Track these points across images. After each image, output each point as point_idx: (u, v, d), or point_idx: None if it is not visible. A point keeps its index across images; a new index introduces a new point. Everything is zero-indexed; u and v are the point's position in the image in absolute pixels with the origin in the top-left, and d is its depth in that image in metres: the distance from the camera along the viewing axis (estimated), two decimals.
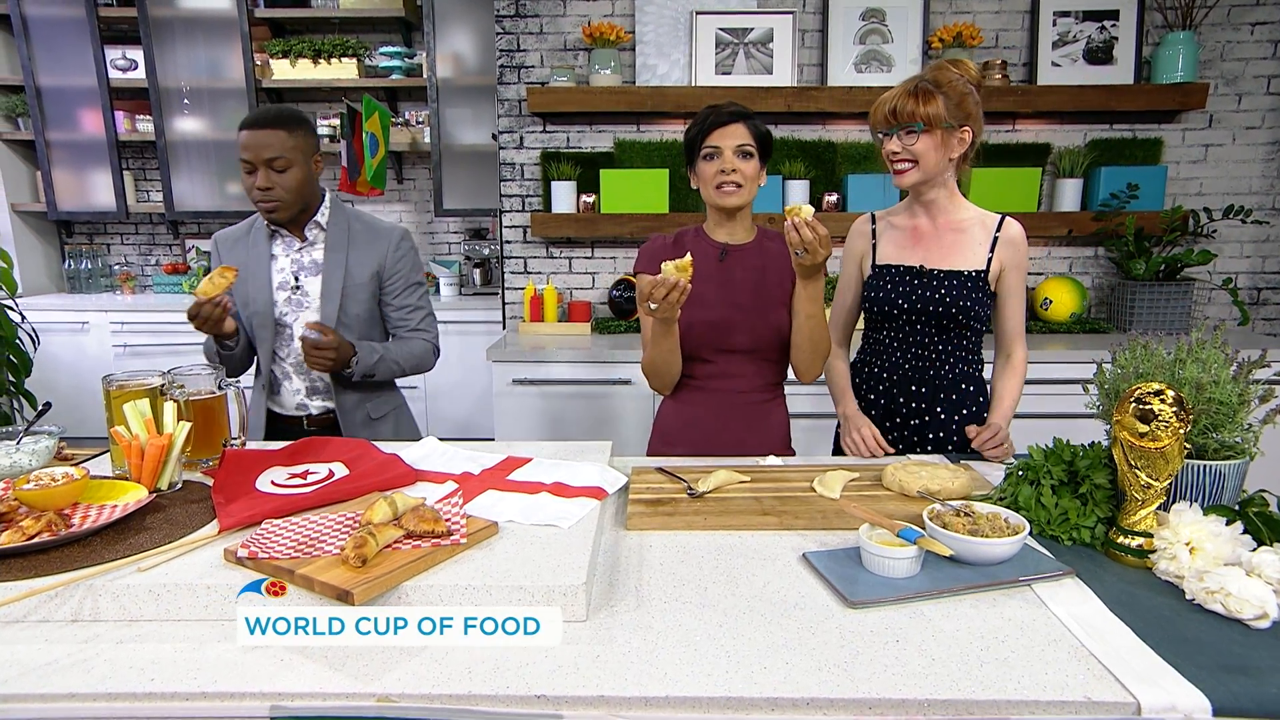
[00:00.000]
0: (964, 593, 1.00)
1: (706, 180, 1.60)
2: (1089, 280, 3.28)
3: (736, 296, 1.65)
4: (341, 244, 1.89)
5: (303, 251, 1.89)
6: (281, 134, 1.75)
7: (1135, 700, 0.78)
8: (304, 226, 1.88)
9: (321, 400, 1.93)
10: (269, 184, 1.75)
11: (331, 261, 1.88)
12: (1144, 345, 1.17)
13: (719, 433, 1.68)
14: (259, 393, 1.93)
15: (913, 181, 1.58)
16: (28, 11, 3.92)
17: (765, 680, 0.82)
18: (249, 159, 1.74)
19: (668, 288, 1.37)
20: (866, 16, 3.08)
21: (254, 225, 1.92)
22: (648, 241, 1.74)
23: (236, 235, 1.93)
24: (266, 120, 1.76)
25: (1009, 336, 1.66)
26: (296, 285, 1.88)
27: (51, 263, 4.43)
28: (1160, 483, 1.04)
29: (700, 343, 1.64)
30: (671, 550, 1.13)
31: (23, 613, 0.91)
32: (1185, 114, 3.13)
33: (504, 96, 3.20)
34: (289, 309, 1.88)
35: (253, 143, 1.74)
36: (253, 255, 1.88)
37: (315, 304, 1.88)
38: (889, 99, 1.56)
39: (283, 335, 1.89)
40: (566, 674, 0.83)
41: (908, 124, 1.53)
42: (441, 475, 1.31)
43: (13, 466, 1.28)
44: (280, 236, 1.90)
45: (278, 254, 1.90)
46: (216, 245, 1.94)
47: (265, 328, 1.87)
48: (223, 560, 0.99)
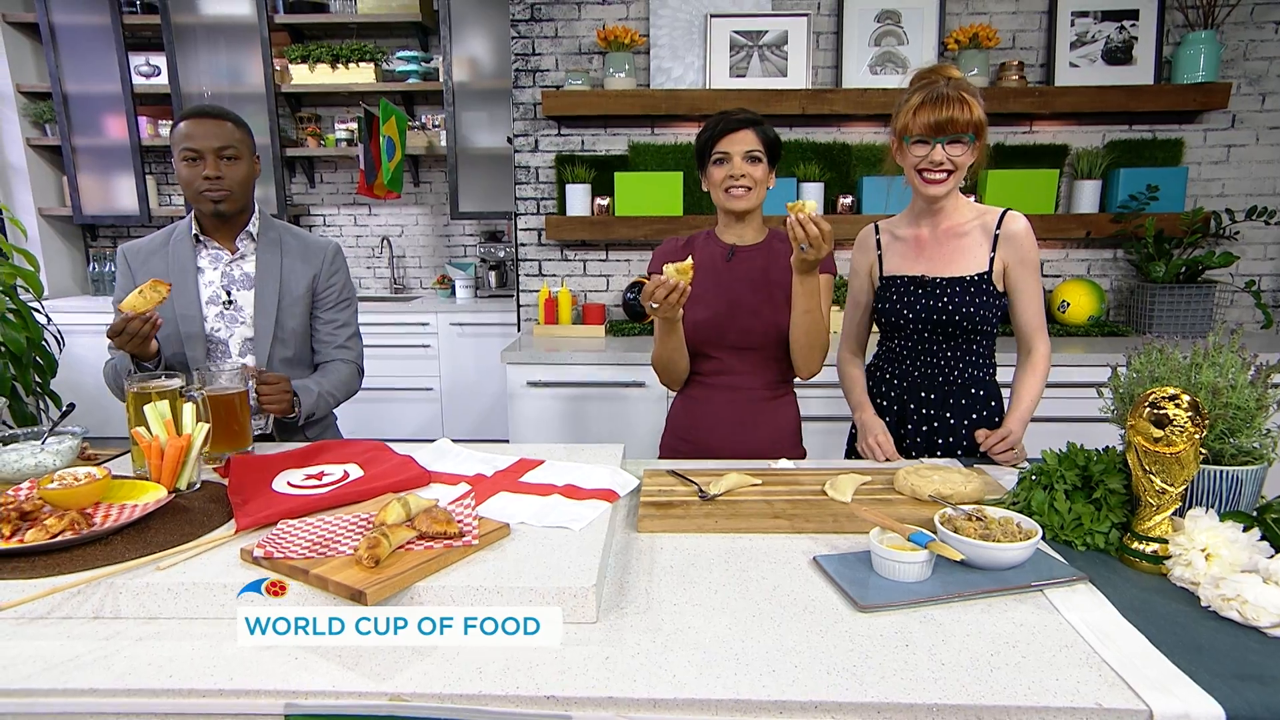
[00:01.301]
0: (975, 597, 0.99)
1: (716, 184, 1.67)
2: (1107, 283, 3.24)
3: (742, 295, 1.69)
4: (274, 256, 1.81)
5: (233, 265, 1.79)
6: (229, 125, 1.71)
7: (1148, 708, 0.77)
8: (235, 236, 1.79)
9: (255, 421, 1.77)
10: (219, 173, 1.68)
11: (265, 274, 1.79)
12: (1159, 349, 1.16)
13: (728, 429, 1.72)
14: None
15: (947, 190, 1.56)
16: (55, 20, 4.01)
17: (774, 683, 0.82)
18: (196, 148, 1.67)
19: (667, 289, 1.44)
20: (881, 18, 3.07)
21: (172, 237, 1.80)
22: (662, 243, 1.80)
23: (151, 248, 1.80)
24: (215, 111, 1.72)
25: (1027, 332, 1.64)
26: (229, 300, 1.77)
27: (76, 266, 4.52)
28: (1175, 488, 1.03)
29: (707, 340, 1.70)
30: (682, 553, 1.14)
31: (46, 609, 0.93)
32: (1207, 114, 3.08)
33: (519, 100, 3.23)
34: (220, 324, 1.77)
35: (201, 131, 1.68)
36: (175, 268, 1.75)
37: (249, 318, 1.78)
38: (934, 109, 1.50)
39: (215, 353, 1.78)
40: (576, 675, 0.84)
41: (959, 134, 1.50)
42: (455, 477, 1.33)
43: (37, 466, 1.31)
44: (205, 248, 1.79)
45: (204, 266, 1.79)
46: (126, 258, 1.79)
47: (196, 346, 1.75)
48: (239, 560, 1.01)
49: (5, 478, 1.30)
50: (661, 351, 1.68)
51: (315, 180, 4.50)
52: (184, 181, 1.71)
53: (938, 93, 1.51)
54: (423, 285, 4.55)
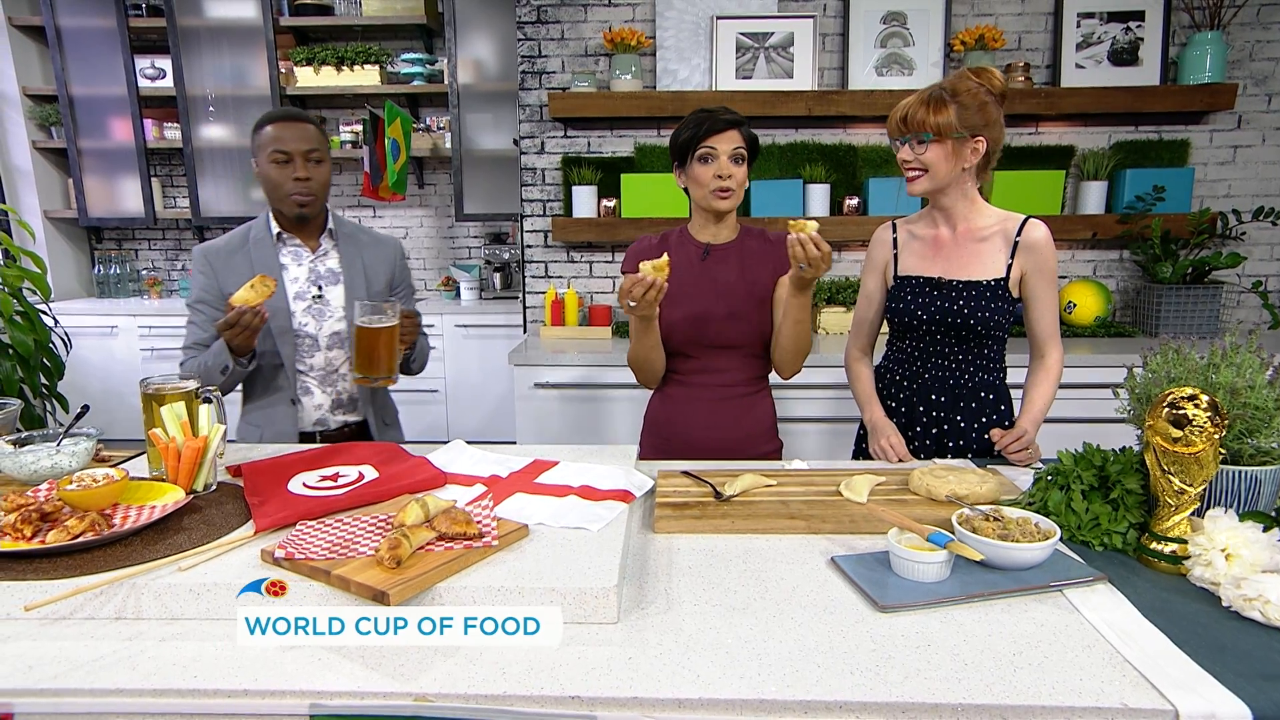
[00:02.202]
0: (994, 598, 0.99)
1: (703, 183, 1.64)
2: (1114, 284, 3.24)
3: (719, 294, 1.70)
4: (355, 251, 1.88)
5: (317, 260, 1.86)
6: (314, 129, 1.78)
7: (1173, 708, 0.77)
8: (315, 234, 1.86)
9: (344, 414, 1.90)
10: (308, 175, 1.74)
11: (351, 269, 1.86)
12: (1175, 349, 1.16)
13: (707, 426, 1.73)
14: (286, 407, 1.85)
15: (923, 190, 1.59)
16: (61, 23, 4.02)
17: (798, 683, 0.82)
18: (286, 150, 1.72)
19: (645, 286, 1.43)
20: (887, 20, 3.07)
21: (249, 237, 1.84)
22: (635, 242, 1.81)
23: (231, 248, 1.83)
24: (300, 115, 1.78)
25: (1041, 339, 1.65)
26: (319, 294, 1.84)
27: (82, 268, 4.53)
28: (1194, 488, 1.03)
29: (684, 339, 1.71)
30: (699, 553, 1.14)
31: (69, 610, 0.94)
32: (1213, 115, 3.09)
33: (525, 102, 3.23)
34: (309, 319, 1.83)
35: (290, 135, 1.73)
36: (259, 266, 1.78)
37: (338, 313, 1.85)
38: (903, 107, 1.56)
39: (302, 347, 1.84)
40: (600, 675, 0.84)
41: (918, 133, 1.53)
42: (470, 478, 1.33)
43: (54, 468, 1.31)
44: (285, 245, 1.85)
45: (287, 263, 1.84)
46: (207, 259, 1.81)
47: (287, 341, 1.81)
48: (259, 560, 1.01)
49: (22, 479, 1.30)
50: (638, 350, 1.68)
51: None
52: (271, 183, 1.76)
53: (925, 94, 1.55)
54: (427, 287, 4.56)
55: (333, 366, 1.87)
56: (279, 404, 1.85)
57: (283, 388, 1.85)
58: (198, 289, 1.82)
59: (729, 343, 1.71)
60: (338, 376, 1.88)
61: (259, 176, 1.79)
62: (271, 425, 1.85)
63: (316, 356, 1.85)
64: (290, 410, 1.85)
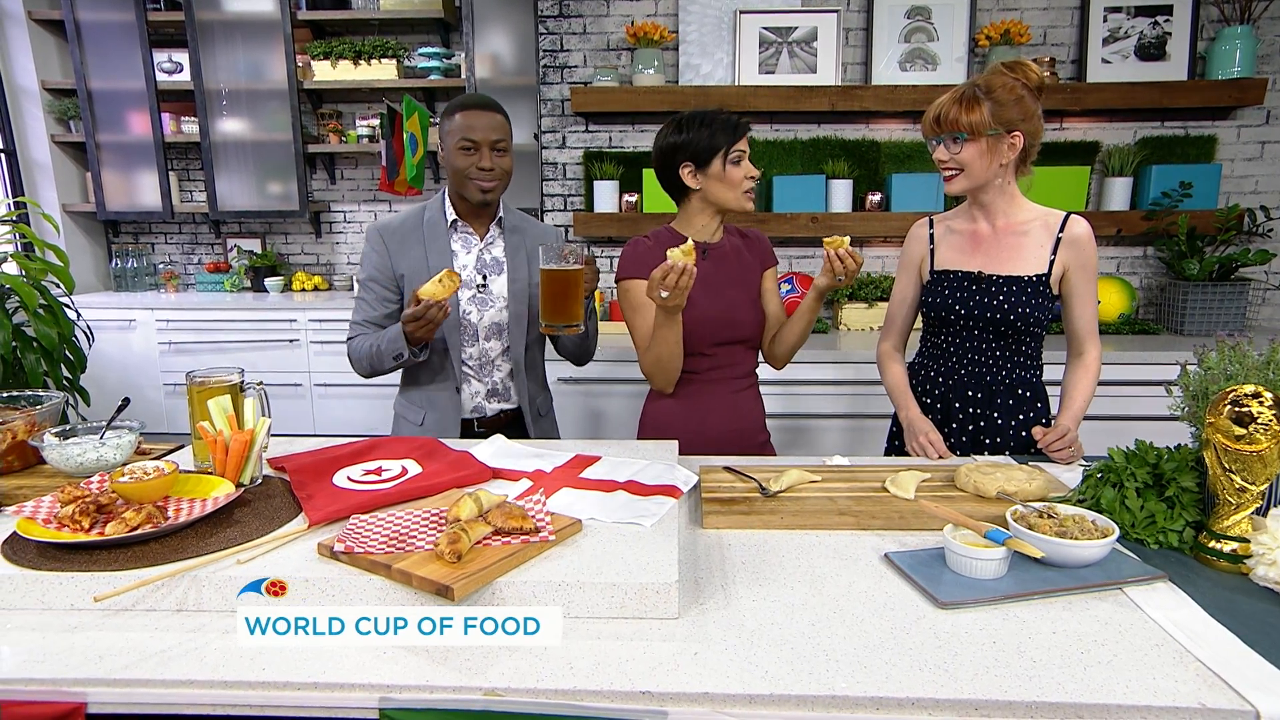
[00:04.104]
0: (1054, 595, 0.99)
1: (735, 184, 1.65)
2: (1138, 280, 3.22)
3: (723, 291, 1.72)
4: (520, 242, 1.85)
5: (484, 249, 1.84)
6: (502, 119, 1.75)
7: (1254, 708, 0.76)
8: (488, 222, 1.83)
9: (499, 403, 1.88)
10: (493, 164, 1.72)
11: (515, 260, 1.83)
12: (1233, 347, 1.15)
13: (719, 421, 1.74)
14: (451, 394, 1.83)
15: (960, 189, 1.58)
16: (80, 17, 4.01)
17: (867, 679, 0.82)
18: (474, 139, 1.70)
19: (678, 272, 1.42)
20: (912, 14, 3.06)
21: (424, 219, 1.82)
22: (628, 244, 1.77)
23: (407, 228, 1.82)
24: (491, 104, 1.75)
25: (1080, 336, 1.64)
26: (483, 283, 1.81)
27: (99, 262, 4.53)
28: (1257, 486, 1.02)
29: (702, 338, 1.71)
30: (751, 549, 1.14)
31: (131, 601, 0.94)
32: (1241, 110, 3.07)
33: (547, 96, 3.22)
34: (472, 307, 1.80)
35: (481, 124, 1.71)
36: (433, 250, 1.79)
37: (499, 303, 1.82)
38: (936, 106, 1.55)
39: (464, 335, 1.82)
40: (667, 671, 0.84)
41: (952, 132, 1.53)
42: (515, 473, 1.32)
43: (99, 460, 1.31)
44: (456, 231, 1.83)
45: (457, 250, 1.82)
46: (382, 238, 1.80)
47: (454, 329, 1.79)
48: (316, 554, 1.01)
49: (68, 471, 1.31)
50: (662, 350, 1.62)
51: (336, 176, 4.50)
52: (457, 169, 1.73)
53: (958, 92, 1.54)
54: None
55: (488, 357, 1.84)
56: (444, 390, 1.84)
57: (448, 374, 1.83)
58: (370, 266, 1.81)
59: (737, 338, 1.74)
60: (493, 367, 1.86)
61: (443, 161, 1.78)
62: (434, 409, 1.84)
63: (475, 346, 1.83)
64: (455, 398, 1.83)
